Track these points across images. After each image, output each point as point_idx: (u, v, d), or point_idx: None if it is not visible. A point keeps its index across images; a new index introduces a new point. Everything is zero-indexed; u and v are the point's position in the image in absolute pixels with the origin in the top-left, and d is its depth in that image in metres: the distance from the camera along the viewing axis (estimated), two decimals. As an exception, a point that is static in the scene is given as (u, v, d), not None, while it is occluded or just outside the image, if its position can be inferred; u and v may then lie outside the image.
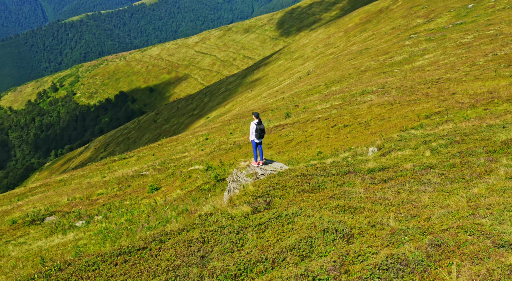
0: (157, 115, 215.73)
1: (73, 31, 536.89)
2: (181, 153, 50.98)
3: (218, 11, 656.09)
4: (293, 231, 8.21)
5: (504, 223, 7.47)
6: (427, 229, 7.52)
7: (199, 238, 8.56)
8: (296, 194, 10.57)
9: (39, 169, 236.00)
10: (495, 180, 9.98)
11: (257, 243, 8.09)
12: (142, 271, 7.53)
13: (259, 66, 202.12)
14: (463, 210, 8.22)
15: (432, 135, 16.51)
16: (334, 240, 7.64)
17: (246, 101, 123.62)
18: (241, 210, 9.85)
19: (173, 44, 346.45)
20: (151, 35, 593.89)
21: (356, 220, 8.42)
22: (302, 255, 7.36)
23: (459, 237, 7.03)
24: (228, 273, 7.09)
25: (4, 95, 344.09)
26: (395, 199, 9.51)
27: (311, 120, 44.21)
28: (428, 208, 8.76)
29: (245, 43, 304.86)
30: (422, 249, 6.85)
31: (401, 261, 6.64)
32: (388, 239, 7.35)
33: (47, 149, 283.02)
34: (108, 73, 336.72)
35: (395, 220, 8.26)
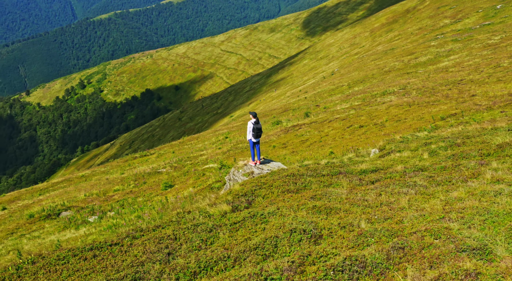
0: (182, 113, 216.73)
1: (101, 29, 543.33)
2: (199, 151, 51.29)
3: (244, 10, 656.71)
4: (264, 231, 8.21)
5: (473, 228, 7.36)
6: (396, 232, 7.45)
7: (171, 235, 8.62)
8: (280, 194, 10.56)
9: (65, 165, 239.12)
10: (478, 184, 9.82)
11: (225, 242, 8.11)
12: (107, 266, 7.62)
13: (284, 66, 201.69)
14: (436, 214, 8.12)
15: (435, 137, 16.30)
16: (300, 241, 7.62)
17: (270, 100, 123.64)
18: (220, 208, 9.87)
19: (199, 42, 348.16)
20: (178, 34, 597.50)
21: (329, 221, 8.37)
22: (265, 255, 7.36)
23: (424, 241, 6.95)
24: (188, 270, 7.12)
25: (33, 92, 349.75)
26: (374, 201, 9.43)
27: (329, 120, 44.00)
28: (404, 210, 8.66)
29: (271, 42, 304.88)
30: (384, 251, 6.79)
31: (359, 263, 6.59)
32: (354, 240, 7.30)
33: (74, 145, 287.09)
34: (134, 70, 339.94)
35: (368, 222, 8.19)
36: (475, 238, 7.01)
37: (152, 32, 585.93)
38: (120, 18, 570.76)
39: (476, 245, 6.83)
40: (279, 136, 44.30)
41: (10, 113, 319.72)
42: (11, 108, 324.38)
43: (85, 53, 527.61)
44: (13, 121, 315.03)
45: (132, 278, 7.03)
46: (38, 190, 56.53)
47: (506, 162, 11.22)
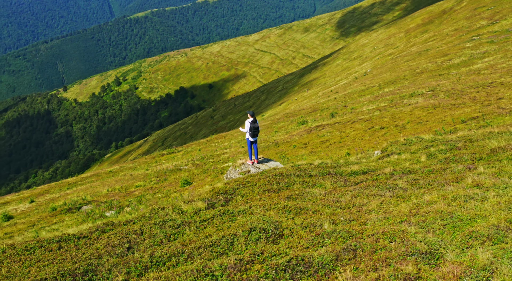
0: (215, 111, 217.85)
1: (137, 27, 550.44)
2: (223, 149, 51.57)
3: (280, 9, 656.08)
4: (229, 228, 8.25)
5: (431, 232, 7.27)
6: (355, 234, 7.41)
7: (138, 230, 8.75)
8: (260, 193, 10.59)
9: (99, 160, 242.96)
10: (456, 188, 9.66)
11: (187, 238, 8.19)
12: (67, 258, 7.79)
13: (317, 65, 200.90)
14: (400, 217, 8.04)
15: (439, 140, 16.06)
16: (258, 239, 7.64)
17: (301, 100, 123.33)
18: (195, 205, 9.96)
19: (234, 41, 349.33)
20: (213, 32, 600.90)
21: (293, 221, 8.37)
22: (219, 252, 7.41)
23: (378, 243, 6.90)
24: (140, 264, 7.23)
25: (70, 88, 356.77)
26: (347, 203, 9.38)
27: (352, 121, 43.73)
28: (372, 213, 8.60)
29: (305, 42, 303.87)
30: (335, 252, 6.77)
31: (305, 263, 6.58)
32: (311, 241, 7.29)
33: (108, 141, 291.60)
34: (169, 68, 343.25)
35: (332, 223, 8.16)
36: (428, 242, 6.93)
37: (187, 31, 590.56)
38: (157, 16, 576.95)
39: (426, 249, 6.76)
40: (302, 136, 44.25)
41: (47, 108, 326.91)
42: (48, 103, 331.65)
43: (121, 50, 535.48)
44: (50, 116, 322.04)
45: (84, 270, 7.19)
46: (67, 184, 57.72)
47: (494, 167, 11.02)
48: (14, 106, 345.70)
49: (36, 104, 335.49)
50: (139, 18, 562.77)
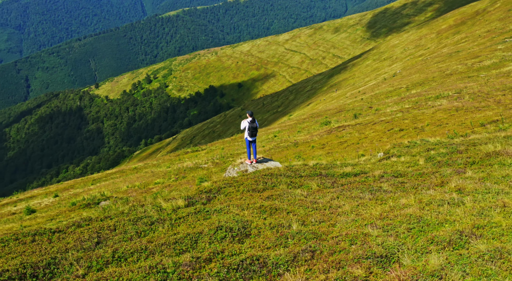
0: (243, 110, 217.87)
1: (169, 25, 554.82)
2: (244, 148, 51.69)
3: (311, 9, 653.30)
4: (199, 226, 8.30)
5: (393, 236, 7.20)
6: (320, 235, 7.38)
7: (111, 226, 8.87)
8: (244, 193, 10.63)
9: (129, 157, 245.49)
10: (436, 192, 9.53)
11: (156, 235, 8.27)
12: (36, 251, 7.95)
13: (347, 66, 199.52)
14: (368, 220, 7.98)
15: (442, 144, 15.82)
16: (224, 238, 7.68)
17: (330, 100, 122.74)
18: (174, 203, 10.03)
19: (264, 41, 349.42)
20: (244, 32, 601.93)
21: (264, 221, 8.38)
22: (182, 250, 7.47)
23: (339, 245, 6.87)
24: (101, 259, 7.34)
25: (102, 85, 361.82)
26: (324, 204, 9.34)
27: (373, 123, 43.37)
28: (344, 215, 8.55)
29: (335, 42, 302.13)
30: (293, 253, 6.76)
31: (259, 263, 6.60)
32: (274, 241, 7.29)
33: (138, 138, 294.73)
34: (199, 67, 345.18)
35: (301, 224, 8.14)
36: (387, 246, 6.87)
37: (218, 30, 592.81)
38: (188, 15, 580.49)
39: (383, 253, 6.71)
40: (322, 136, 44.09)
41: (79, 105, 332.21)
42: (80, 100, 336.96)
43: (152, 48, 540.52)
44: (82, 113, 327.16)
45: (47, 263, 7.35)
46: (91, 180, 58.61)
47: (484, 171, 10.84)
48: (47, 102, 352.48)
49: (68, 100, 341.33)
50: (171, 17, 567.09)
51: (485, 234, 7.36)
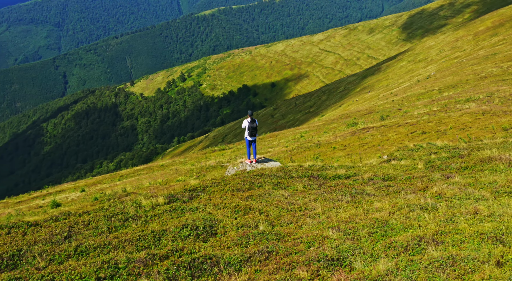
0: (275, 110, 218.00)
1: (204, 24, 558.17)
2: (269, 148, 51.66)
3: (346, 9, 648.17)
4: (168, 224, 8.35)
5: (353, 239, 7.15)
6: (283, 236, 7.37)
7: (86, 221, 9.01)
8: (228, 192, 10.66)
9: (161, 154, 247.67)
10: (416, 196, 9.39)
11: (124, 231, 8.36)
12: (6, 243, 8.14)
13: (381, 67, 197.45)
14: (334, 222, 7.92)
15: (448, 148, 15.52)
16: (188, 236, 7.72)
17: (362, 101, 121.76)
18: (154, 200, 10.12)
19: (298, 40, 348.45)
20: (278, 31, 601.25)
21: (234, 221, 8.39)
22: (143, 246, 7.55)
23: (296, 247, 6.85)
24: (64, 253, 7.47)
25: (137, 82, 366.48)
26: (300, 205, 9.30)
27: (398, 125, 42.83)
28: (315, 217, 8.51)
29: (370, 42, 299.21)
30: (249, 253, 6.76)
31: (212, 261, 6.62)
32: (236, 240, 7.30)
33: (171, 135, 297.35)
34: (233, 66, 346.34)
35: (269, 224, 8.13)
36: (341, 249, 6.81)
37: (253, 29, 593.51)
38: (223, 14, 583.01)
39: (336, 256, 6.65)
40: (345, 138, 43.78)
41: (115, 101, 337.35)
42: (116, 97, 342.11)
43: (188, 47, 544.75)
44: (117, 110, 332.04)
45: (11, 254, 7.54)
46: (119, 176, 59.46)
47: (473, 177, 10.62)
48: (83, 98, 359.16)
49: (104, 97, 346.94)
50: (206, 16, 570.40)
51: (446, 240, 7.24)
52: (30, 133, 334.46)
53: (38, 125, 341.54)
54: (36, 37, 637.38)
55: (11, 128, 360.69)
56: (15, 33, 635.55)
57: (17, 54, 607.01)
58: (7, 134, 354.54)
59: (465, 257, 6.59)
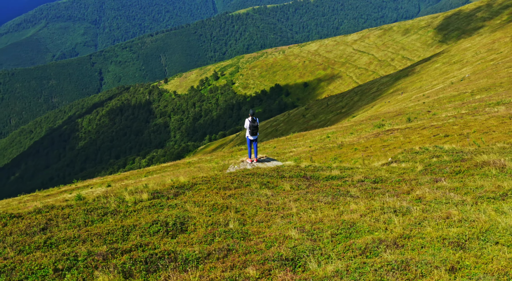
0: (307, 110, 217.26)
1: (239, 23, 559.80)
2: (292, 148, 51.62)
3: (382, 9, 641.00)
4: (143, 219, 8.46)
5: (313, 240, 7.16)
6: (250, 235, 7.41)
7: (66, 214, 9.18)
8: (214, 190, 10.74)
9: (193, 151, 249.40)
10: (395, 199, 9.30)
11: (98, 225, 8.50)
12: None
13: (415, 68, 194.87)
14: (301, 223, 7.90)
15: (453, 151, 15.27)
16: (157, 232, 7.82)
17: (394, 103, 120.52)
18: (138, 196, 10.24)
19: (332, 40, 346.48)
20: (313, 31, 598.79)
21: (207, 218, 8.44)
22: (111, 240, 7.65)
23: (257, 246, 6.89)
24: (34, 244, 7.66)
25: (171, 80, 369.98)
26: (278, 205, 9.32)
27: (423, 127, 42.27)
28: (288, 217, 8.50)
29: (405, 43, 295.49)
30: (208, 250, 6.81)
31: (170, 257, 6.71)
32: (202, 237, 7.38)
33: (203, 133, 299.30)
34: (266, 65, 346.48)
35: (240, 223, 8.16)
36: (299, 249, 6.82)
37: (287, 28, 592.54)
38: (258, 13, 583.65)
39: (291, 256, 6.66)
40: (368, 139, 43.42)
41: (148, 98, 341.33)
42: (150, 94, 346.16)
43: (221, 46, 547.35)
44: (150, 107, 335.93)
45: None
46: (145, 172, 60.23)
47: (462, 181, 10.44)
48: (118, 95, 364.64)
49: (138, 94, 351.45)
50: (241, 15, 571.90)
51: (407, 244, 7.16)
52: (65, 128, 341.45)
53: (74, 120, 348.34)
54: (73, 34, 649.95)
55: (47, 123, 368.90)
56: (53, 30, 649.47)
57: (55, 51, 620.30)
58: (43, 128, 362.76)
59: (419, 261, 6.52)
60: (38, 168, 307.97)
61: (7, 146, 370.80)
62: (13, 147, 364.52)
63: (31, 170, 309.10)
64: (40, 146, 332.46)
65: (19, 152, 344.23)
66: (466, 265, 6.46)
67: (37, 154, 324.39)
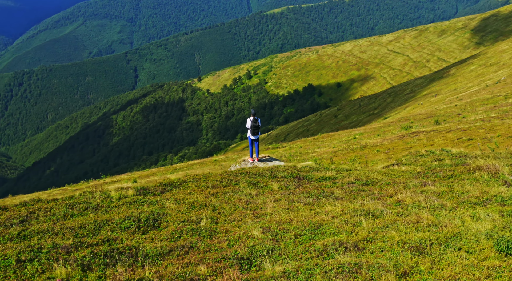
0: (339, 110, 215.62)
1: (273, 22, 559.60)
2: (316, 148, 51.37)
3: (418, 10, 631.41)
4: (119, 214, 8.58)
5: (276, 240, 7.19)
6: (216, 233, 7.47)
7: (48, 208, 9.37)
8: (201, 187, 10.83)
9: (224, 150, 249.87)
10: (372, 202, 9.16)
11: (75, 220, 8.65)
12: None
13: (450, 70, 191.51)
14: (270, 223, 7.89)
15: (459, 154, 14.97)
16: (128, 228, 7.94)
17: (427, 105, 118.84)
18: (123, 192, 10.37)
19: (366, 41, 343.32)
20: (347, 31, 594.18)
21: (181, 216, 8.50)
22: (82, 235, 7.81)
23: (219, 245, 6.95)
24: (7, 236, 7.86)
25: (204, 78, 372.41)
26: (257, 205, 9.34)
27: (448, 130, 41.52)
28: (262, 217, 8.50)
29: (441, 45, 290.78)
30: (170, 247, 6.88)
31: (130, 252, 6.77)
32: (169, 234, 7.46)
33: (235, 132, 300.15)
34: (299, 65, 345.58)
35: (213, 221, 8.21)
36: (256, 249, 6.85)
37: (321, 28, 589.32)
38: (292, 13, 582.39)
39: (247, 255, 6.67)
40: (392, 141, 42.95)
41: (181, 96, 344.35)
42: (183, 92, 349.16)
43: (255, 45, 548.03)
44: (183, 104, 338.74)
45: None
46: (172, 169, 60.71)
47: (451, 186, 10.25)
48: (152, 92, 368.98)
49: (172, 91, 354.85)
50: (275, 14, 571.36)
51: (367, 247, 7.10)
52: (100, 124, 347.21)
53: (108, 116, 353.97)
54: (110, 31, 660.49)
55: (83, 119, 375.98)
56: (90, 27, 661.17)
57: (92, 48, 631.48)
58: (79, 124, 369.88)
59: (372, 265, 6.47)
60: (72, 163, 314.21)
61: (44, 141, 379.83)
62: (49, 141, 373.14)
63: (66, 165, 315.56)
64: (75, 141, 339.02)
65: (55, 147, 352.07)
66: (420, 270, 6.39)
67: (72, 149, 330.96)
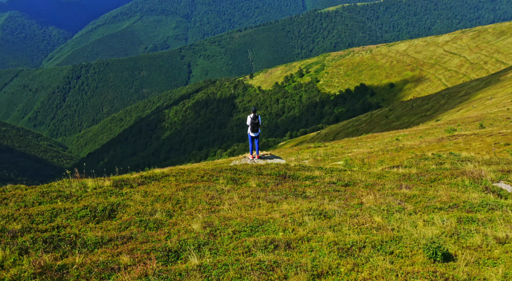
0: (390, 111, 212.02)
1: (327, 21, 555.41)
2: (354, 148, 50.84)
3: (478, 10, 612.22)
4: (77, 204, 8.81)
5: (213, 235, 7.25)
6: (164, 226, 7.61)
7: (22, 195, 9.76)
8: (181, 181, 10.95)
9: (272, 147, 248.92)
10: (333, 202, 9.04)
11: (40, 207, 8.93)
12: None
13: (507, 73, 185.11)
14: (216, 218, 7.90)
15: (465, 159, 14.56)
16: (83, 217, 8.19)
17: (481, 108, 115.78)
18: (100, 183, 10.62)
19: (422, 41, 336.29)
20: (403, 31, 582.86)
21: (138, 207, 8.66)
22: (38, 221, 8.07)
23: (158, 237, 7.19)
24: None
25: (256, 75, 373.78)
26: (222, 200, 9.37)
27: (489, 135, 40.31)
28: (217, 212, 8.55)
29: (500, 46, 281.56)
30: (111, 236, 7.06)
31: (71, 239, 6.97)
32: (119, 225, 7.60)
33: (284, 130, 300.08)
34: (352, 64, 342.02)
35: (168, 214, 8.38)
36: (186, 243, 6.94)
37: (376, 27, 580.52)
38: (347, 11, 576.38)
39: (175, 248, 6.75)
40: (430, 143, 42.07)
41: (233, 93, 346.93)
42: (235, 88, 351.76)
43: (308, 43, 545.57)
44: (234, 101, 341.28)
45: None
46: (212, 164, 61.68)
47: (423, 190, 10.00)
48: (204, 88, 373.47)
49: (223, 88, 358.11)
50: (330, 12, 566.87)
51: (299, 246, 7.07)
52: (153, 118, 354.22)
53: (161, 111, 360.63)
54: (165, 27, 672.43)
55: (136, 112, 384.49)
56: (147, 23, 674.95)
57: (147, 43, 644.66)
58: (133, 117, 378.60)
59: (291, 263, 6.46)
60: (125, 155, 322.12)
61: (99, 133, 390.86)
62: (104, 133, 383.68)
63: (119, 157, 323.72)
64: (128, 134, 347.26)
65: (109, 139, 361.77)
66: (338, 271, 6.34)
67: (125, 142, 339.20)
